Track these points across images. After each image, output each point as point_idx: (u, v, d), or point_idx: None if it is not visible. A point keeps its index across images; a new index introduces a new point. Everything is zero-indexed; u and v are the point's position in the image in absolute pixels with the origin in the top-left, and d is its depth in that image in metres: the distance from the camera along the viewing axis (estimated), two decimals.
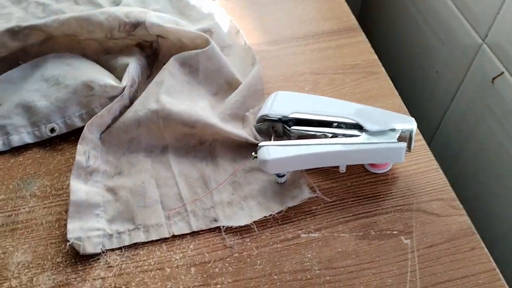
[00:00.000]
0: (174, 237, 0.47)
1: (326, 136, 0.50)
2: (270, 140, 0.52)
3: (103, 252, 0.45)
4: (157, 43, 0.59)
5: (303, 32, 0.65)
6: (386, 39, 0.92)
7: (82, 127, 0.52)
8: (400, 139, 0.48)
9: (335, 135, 0.50)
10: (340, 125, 0.50)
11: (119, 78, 0.55)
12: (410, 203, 0.49)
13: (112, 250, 0.46)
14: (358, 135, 0.49)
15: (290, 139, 0.52)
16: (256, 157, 0.48)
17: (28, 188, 0.50)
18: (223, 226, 0.47)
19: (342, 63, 0.61)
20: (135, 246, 0.46)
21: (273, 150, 0.47)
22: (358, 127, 0.50)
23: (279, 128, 0.52)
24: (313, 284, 0.43)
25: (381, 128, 0.48)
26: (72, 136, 0.54)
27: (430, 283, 0.43)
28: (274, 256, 0.45)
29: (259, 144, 0.48)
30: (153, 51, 0.59)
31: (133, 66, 0.54)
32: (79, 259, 0.45)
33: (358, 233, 0.47)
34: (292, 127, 0.51)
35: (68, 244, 0.44)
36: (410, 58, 0.85)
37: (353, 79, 0.60)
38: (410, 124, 0.49)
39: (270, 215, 0.47)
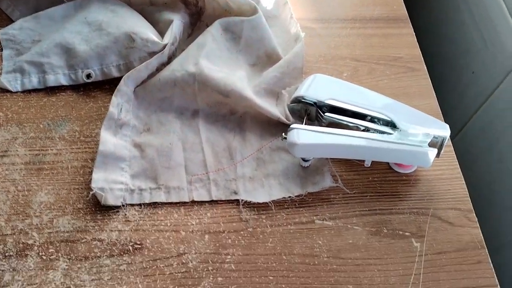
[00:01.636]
0: (193, 202, 0.48)
1: (358, 129, 0.50)
2: (302, 122, 0.51)
3: (123, 205, 0.46)
4: (203, 2, 0.57)
5: (352, 14, 0.63)
6: (426, 31, 0.89)
7: (117, 77, 0.52)
8: (431, 144, 0.47)
9: (367, 129, 0.49)
10: (373, 119, 0.50)
11: (161, 32, 0.55)
12: (427, 208, 0.49)
13: (132, 205, 0.47)
14: (391, 133, 0.48)
15: (322, 125, 0.51)
16: (285, 138, 0.48)
17: (57, 130, 0.50)
18: (242, 200, 0.48)
19: (385, 54, 0.60)
20: (154, 205, 0.47)
21: (303, 134, 0.47)
22: (392, 124, 0.49)
23: (312, 111, 0.51)
24: (319, 271, 0.45)
25: (415, 130, 0.48)
26: (107, 84, 0.54)
27: None
28: (286, 237, 0.46)
29: (290, 126, 0.48)
30: (197, 9, 0.58)
31: (177, 24, 0.53)
32: (99, 209, 0.46)
33: (371, 228, 0.47)
34: (326, 114, 0.50)
35: (91, 193, 0.45)
36: (447, 54, 0.82)
37: (394, 73, 0.59)
38: (444, 131, 0.48)
39: (289, 197, 0.48)
